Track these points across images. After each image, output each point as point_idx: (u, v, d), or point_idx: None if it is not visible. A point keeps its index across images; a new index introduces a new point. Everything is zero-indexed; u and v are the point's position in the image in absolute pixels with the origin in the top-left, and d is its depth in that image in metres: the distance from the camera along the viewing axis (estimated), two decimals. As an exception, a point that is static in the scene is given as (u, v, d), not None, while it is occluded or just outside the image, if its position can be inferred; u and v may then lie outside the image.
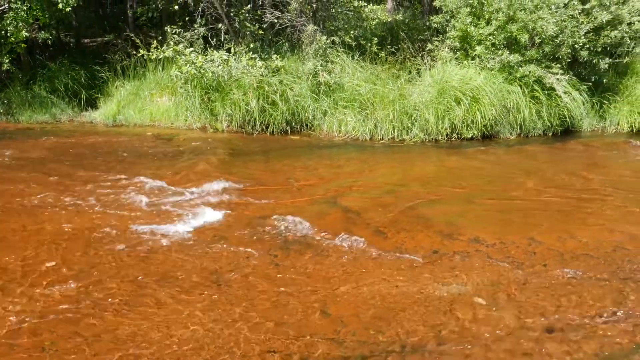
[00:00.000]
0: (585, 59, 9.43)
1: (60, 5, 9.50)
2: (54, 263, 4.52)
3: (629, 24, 9.63)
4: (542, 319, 3.92)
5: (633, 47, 9.92)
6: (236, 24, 10.02)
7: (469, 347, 3.58)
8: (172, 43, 9.44)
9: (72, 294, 4.04)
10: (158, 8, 11.03)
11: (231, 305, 3.95)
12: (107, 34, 12.19)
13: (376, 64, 9.73)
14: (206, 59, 9.08)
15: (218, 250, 4.79)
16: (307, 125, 9.21)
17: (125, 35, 11.57)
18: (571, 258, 4.82)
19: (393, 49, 10.13)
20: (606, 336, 3.75)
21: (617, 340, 3.71)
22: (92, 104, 10.55)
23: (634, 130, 9.87)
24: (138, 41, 10.08)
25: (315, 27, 9.44)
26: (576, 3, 9.28)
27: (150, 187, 6.24)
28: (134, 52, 10.49)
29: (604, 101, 10.05)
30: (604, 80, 9.91)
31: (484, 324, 3.83)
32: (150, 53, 9.44)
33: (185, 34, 9.79)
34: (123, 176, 6.62)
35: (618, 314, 4.01)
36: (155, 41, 9.58)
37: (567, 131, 9.62)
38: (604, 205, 6.22)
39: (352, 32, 10.11)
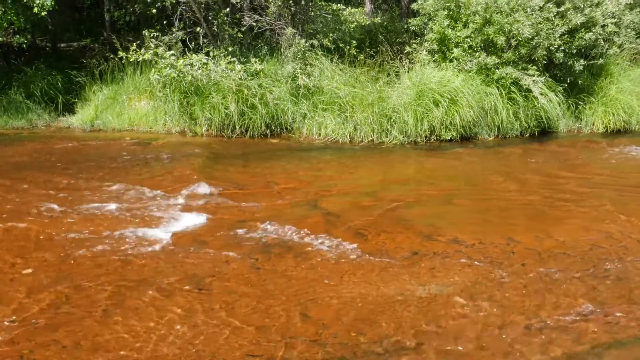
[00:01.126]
0: (561, 61, 9.56)
1: (35, 10, 9.38)
2: (30, 270, 4.46)
3: (603, 26, 9.78)
4: (521, 317, 3.97)
5: (607, 49, 10.08)
6: (215, 28, 9.99)
7: (449, 346, 3.61)
8: (152, 46, 9.38)
9: (50, 301, 4.00)
10: (135, 12, 10.96)
11: (212, 310, 3.94)
12: (83, 38, 12.06)
13: (355, 66, 9.76)
14: (185, 62, 9.04)
15: (198, 255, 4.77)
16: (286, 128, 9.21)
17: (102, 39, 11.48)
18: (549, 257, 4.88)
19: (372, 52, 10.17)
20: (583, 333, 3.81)
21: (593, 336, 3.77)
22: (69, 109, 10.43)
23: (609, 131, 10.03)
24: (117, 44, 10.00)
25: (294, 31, 9.45)
26: (551, 6, 9.41)
27: (128, 191, 6.20)
28: (112, 56, 10.40)
29: (580, 102, 10.19)
30: (579, 82, 10.05)
31: (463, 323, 3.87)
32: (129, 55, 9.36)
33: (163, 37, 9.73)
34: (101, 181, 6.57)
35: (594, 311, 4.07)
36: (134, 44, 9.51)
37: (544, 132, 9.74)
38: (580, 205, 6.31)
39: (330, 35, 10.14)
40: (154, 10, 10.03)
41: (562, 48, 9.43)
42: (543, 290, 4.33)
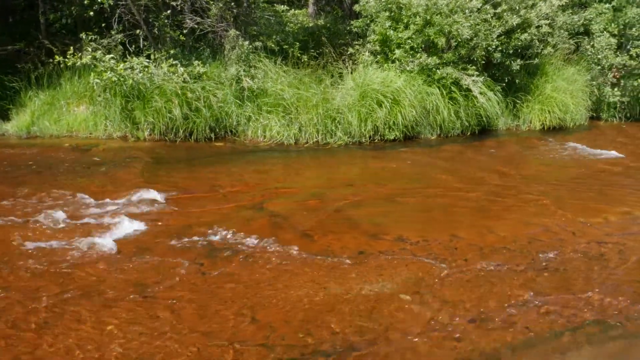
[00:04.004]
0: (499, 61, 9.84)
1: (-35, 12, 9.01)
2: (-35, 284, 4.28)
3: (537, 27, 10.14)
4: (465, 311, 4.07)
5: (542, 49, 10.44)
6: (155, 30, 9.82)
7: (396, 343, 3.67)
8: (90, 49, 9.13)
9: (-14, 316, 3.85)
10: (72, 14, 10.66)
11: (157, 318, 3.87)
12: (17, 42, 11.63)
13: (299, 68, 9.78)
14: (126, 65, 8.84)
15: (142, 262, 4.67)
16: (231, 131, 9.14)
17: (38, 42, 11.10)
18: (490, 252, 5.02)
19: (315, 53, 10.22)
20: (524, 324, 3.93)
21: (534, 327, 3.90)
22: (3, 116, 10.03)
23: (545, 128, 10.39)
24: (54, 48, 9.69)
25: (237, 32, 9.39)
26: (488, 7, 9.68)
27: (68, 199, 6.01)
28: (49, 60, 10.07)
29: (517, 101, 10.53)
30: (517, 81, 10.38)
31: (410, 320, 3.93)
32: (66, 59, 9.08)
33: (102, 40, 9.49)
34: (39, 189, 6.34)
35: (534, 302, 4.21)
36: (71, 48, 9.24)
37: (484, 130, 10.00)
38: (520, 200, 6.52)
39: (274, 36, 10.12)
40: (92, 13, 9.77)
41: (500, 48, 9.72)
42: (485, 284, 4.45)
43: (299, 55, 9.91)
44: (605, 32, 11.38)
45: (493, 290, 4.36)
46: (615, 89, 11.23)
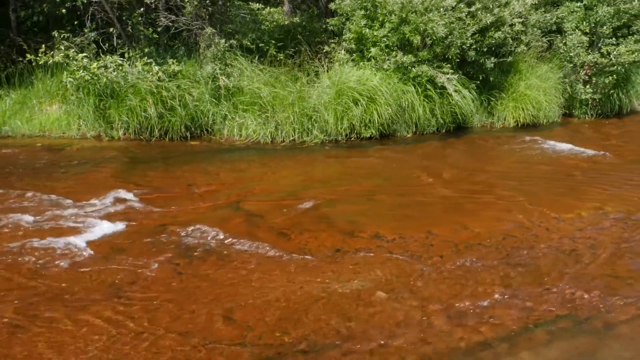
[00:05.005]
0: (473, 59, 9.92)
1: None
2: None
3: (511, 25, 10.23)
4: (441, 307, 4.11)
5: (515, 47, 10.54)
6: (129, 28, 9.72)
7: (373, 340, 3.69)
8: (62, 48, 8.99)
9: (-45, 320, 3.78)
10: (44, 11, 10.48)
11: (132, 319, 3.84)
12: (-13, 40, 11.41)
13: (275, 66, 9.75)
14: (99, 64, 8.73)
15: (117, 263, 4.63)
16: (207, 130, 9.08)
17: (8, 40, 10.89)
18: (465, 248, 5.07)
19: (291, 52, 10.20)
20: (499, 319, 3.98)
21: (508, 322, 3.95)
22: (-28, 115, 9.84)
23: (519, 125, 10.51)
24: (25, 46, 9.52)
25: (213, 30, 9.33)
26: (463, 6, 9.74)
27: (41, 200, 5.93)
28: (20, 59, 9.90)
29: (492, 98, 10.62)
30: (491, 79, 10.46)
31: (386, 317, 3.96)
32: (38, 58, 8.94)
33: (74, 39, 9.36)
34: (11, 190, 6.24)
35: (508, 297, 4.27)
36: (43, 46, 9.09)
37: (459, 128, 10.08)
38: (494, 196, 6.59)
39: (250, 35, 10.07)
40: (64, 10, 9.63)
41: (474, 46, 9.79)
42: (460, 280, 4.49)
43: (275, 53, 9.88)
44: (577, 30, 11.53)
45: (468, 286, 4.41)
46: (587, 87, 11.39)
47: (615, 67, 11.26)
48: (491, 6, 10.03)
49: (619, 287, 4.49)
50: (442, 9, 9.54)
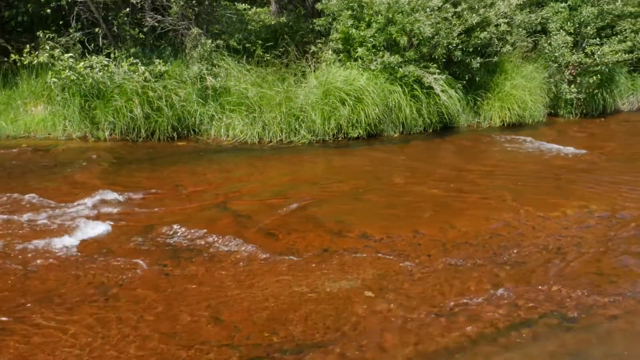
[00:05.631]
0: (459, 59, 9.97)
1: None
2: None
3: (496, 25, 10.30)
4: (429, 306, 4.13)
5: (501, 47, 10.61)
6: (115, 28, 9.66)
7: (361, 340, 3.70)
8: (47, 48, 8.92)
9: (-60, 323, 3.74)
10: (28, 11, 10.38)
11: (120, 321, 3.82)
12: (-30, 40, 11.29)
13: (262, 67, 9.74)
14: (85, 64, 8.66)
15: (104, 264, 4.60)
16: (194, 130, 9.05)
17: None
18: (452, 247, 5.10)
19: (278, 52, 10.19)
20: (486, 317, 4.01)
21: (496, 320, 3.98)
22: (-44, 116, 9.73)
23: (505, 125, 10.58)
24: (9, 47, 9.43)
25: (199, 31, 9.30)
26: (449, 6, 9.79)
27: (27, 202, 5.87)
28: (4, 59, 9.80)
29: (478, 98, 10.69)
30: (477, 79, 10.52)
31: (374, 316, 3.97)
32: (23, 58, 8.85)
33: (60, 39, 9.28)
34: (-4, 192, 6.19)
35: (496, 295, 4.30)
36: (28, 46, 9.00)
37: (445, 127, 10.13)
38: (480, 196, 6.63)
39: (236, 35, 10.05)
40: (49, 10, 9.55)
41: (460, 47, 9.85)
42: (448, 279, 4.52)
43: (262, 53, 9.87)
44: (561, 30, 11.63)
45: (456, 285, 4.43)
46: (572, 86, 11.49)
47: (600, 67, 11.38)
48: (477, 6, 10.09)
49: (604, 284, 4.54)
50: (428, 9, 9.58)
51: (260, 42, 10.13)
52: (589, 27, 11.64)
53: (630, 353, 3.77)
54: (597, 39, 11.79)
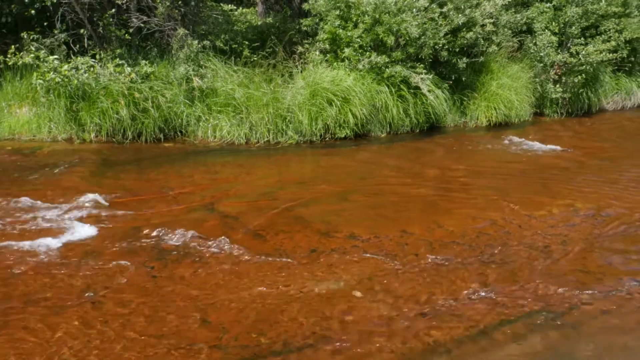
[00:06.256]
0: (446, 59, 10.01)
1: None
2: None
3: (482, 25, 10.36)
4: (416, 305, 4.15)
5: (487, 47, 10.68)
6: (100, 29, 9.59)
7: (349, 340, 3.70)
8: (32, 49, 8.84)
9: None
10: (12, 12, 10.29)
11: (106, 323, 3.79)
12: (-47, 42, 11.17)
13: (249, 67, 9.71)
14: (70, 66, 8.60)
15: (90, 267, 4.57)
16: (181, 132, 9.01)
17: (-25, 42, 10.67)
18: (440, 246, 5.12)
19: (265, 53, 10.17)
20: (474, 316, 4.03)
21: (483, 318, 4.00)
22: (-61, 118, 9.61)
23: (492, 124, 10.64)
24: (-8, 48, 9.35)
25: (185, 31, 9.26)
26: (435, 7, 9.84)
27: (13, 204, 5.82)
28: (-12, 61, 9.71)
29: (464, 98, 10.74)
30: (463, 79, 10.57)
31: (362, 316, 3.98)
32: (7, 59, 8.77)
33: (44, 40, 9.21)
34: (-20, 195, 6.13)
35: (483, 294, 4.32)
36: (12, 47, 8.92)
37: (432, 127, 10.17)
38: (467, 195, 6.67)
39: (223, 35, 10.03)
40: (33, 11, 9.48)
41: (446, 47, 9.89)
42: (435, 278, 4.54)
43: (248, 54, 9.85)
44: (546, 30, 11.72)
45: (443, 284, 4.45)
46: (557, 86, 11.58)
47: (584, 66, 11.49)
48: (463, 7, 10.14)
49: (590, 282, 4.58)
50: (415, 10, 9.61)
51: (247, 42, 10.11)
52: (573, 27, 11.74)
53: (616, 349, 3.81)
54: (582, 38, 11.90)
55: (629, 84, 13.85)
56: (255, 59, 9.85)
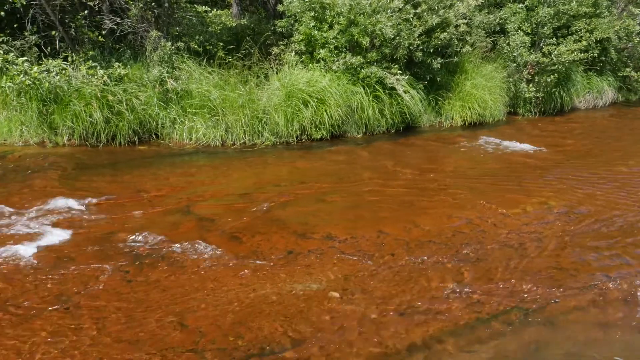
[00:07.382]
0: (420, 60, 10.08)
1: None
2: None
3: (456, 26, 10.45)
4: (394, 305, 4.16)
5: (461, 48, 10.77)
6: (72, 31, 9.46)
7: (327, 340, 3.70)
8: (1, 52, 8.68)
9: None
10: (-19, 15, 10.11)
11: (81, 330, 3.74)
12: None
13: (224, 69, 9.66)
14: (41, 68, 8.46)
15: (64, 272, 4.50)
16: (156, 134, 8.92)
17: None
18: (416, 246, 5.14)
19: (240, 54, 10.13)
20: (451, 314, 4.06)
21: (460, 316, 4.03)
22: None
23: (467, 124, 10.74)
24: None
25: (159, 33, 9.18)
26: (409, 8, 9.89)
27: (-18, 210, 5.71)
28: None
29: (439, 98, 10.82)
30: (438, 79, 10.65)
31: (339, 316, 3.98)
32: (-25, 63, 8.61)
33: (14, 42, 9.06)
34: (-51, 201, 6.00)
35: (459, 292, 4.35)
36: (-19, 50, 8.76)
37: (408, 127, 10.23)
38: (443, 194, 6.71)
39: (197, 37, 9.96)
40: (2, 13, 9.31)
41: (421, 47, 9.95)
42: (412, 277, 4.56)
43: (223, 55, 9.80)
44: (519, 30, 11.88)
45: (420, 283, 4.48)
46: (530, 85, 11.74)
47: (557, 66, 11.65)
48: (436, 8, 10.21)
49: (564, 278, 4.65)
50: (389, 11, 9.66)
51: (221, 44, 10.06)
52: (545, 27, 11.90)
53: (591, 344, 3.86)
54: (554, 38, 12.08)
55: (600, 83, 14.10)
56: (231, 60, 9.80)
